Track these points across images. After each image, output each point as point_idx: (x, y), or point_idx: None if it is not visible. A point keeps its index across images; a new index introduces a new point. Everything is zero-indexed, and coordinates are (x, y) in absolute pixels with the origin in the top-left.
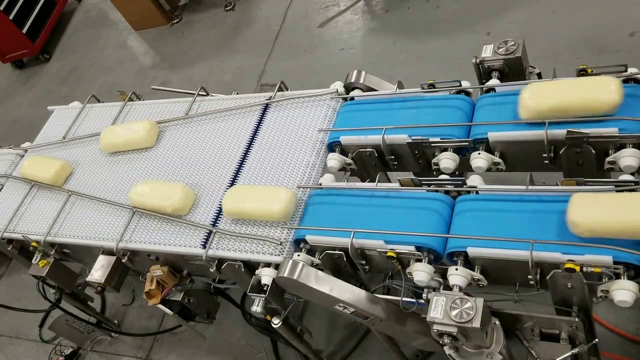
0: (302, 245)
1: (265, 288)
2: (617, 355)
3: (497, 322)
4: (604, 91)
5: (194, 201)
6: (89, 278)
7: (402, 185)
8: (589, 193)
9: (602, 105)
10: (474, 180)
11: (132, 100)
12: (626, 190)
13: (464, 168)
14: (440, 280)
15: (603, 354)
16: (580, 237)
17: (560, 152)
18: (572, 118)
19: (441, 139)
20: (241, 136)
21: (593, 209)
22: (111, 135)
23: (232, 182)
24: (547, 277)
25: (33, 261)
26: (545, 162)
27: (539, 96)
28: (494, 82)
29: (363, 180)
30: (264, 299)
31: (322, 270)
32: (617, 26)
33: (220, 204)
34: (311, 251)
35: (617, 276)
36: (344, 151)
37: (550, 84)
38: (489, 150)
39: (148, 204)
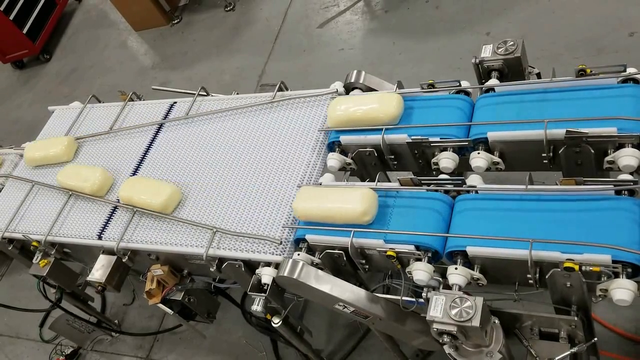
0: (302, 244)
1: (265, 287)
2: (616, 354)
3: (497, 321)
4: (387, 105)
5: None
6: (90, 278)
7: (401, 185)
8: (311, 187)
9: (385, 117)
10: (473, 179)
11: (133, 100)
12: (625, 190)
13: (463, 168)
14: (440, 279)
15: (602, 353)
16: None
17: (560, 152)
18: (364, 127)
19: (441, 138)
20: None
21: (305, 199)
22: None
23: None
24: (546, 276)
25: (34, 261)
26: (545, 161)
27: (334, 109)
28: (493, 82)
29: (363, 180)
30: (264, 298)
31: (322, 269)
32: (616, 26)
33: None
34: (311, 250)
35: (616, 275)
36: (343, 151)
37: (349, 98)
38: (489, 150)
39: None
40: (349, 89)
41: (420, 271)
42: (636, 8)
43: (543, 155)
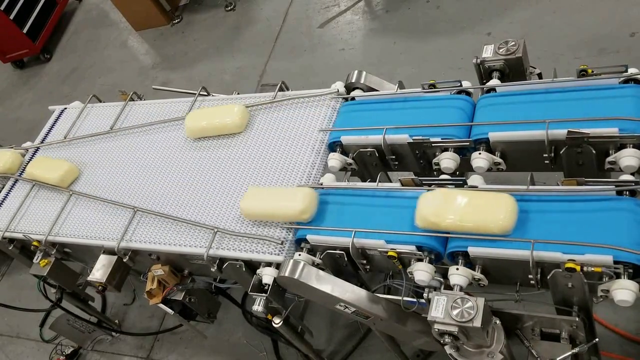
0: (303, 244)
1: (266, 287)
2: (618, 355)
3: (498, 322)
4: (233, 115)
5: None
6: (90, 277)
7: (403, 185)
8: (257, 188)
9: (233, 127)
10: (474, 180)
11: (133, 100)
12: (627, 191)
13: (464, 168)
14: (441, 279)
15: (603, 353)
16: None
17: (561, 152)
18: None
19: (442, 139)
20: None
21: (251, 199)
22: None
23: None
24: (548, 277)
25: (34, 261)
26: (546, 162)
27: (192, 119)
28: (494, 82)
29: (364, 180)
30: (265, 298)
31: (323, 269)
32: (617, 26)
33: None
34: (312, 251)
35: (618, 276)
36: (344, 151)
37: (202, 110)
38: (490, 150)
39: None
40: (350, 89)
41: (422, 271)
42: (637, 8)
43: (544, 155)
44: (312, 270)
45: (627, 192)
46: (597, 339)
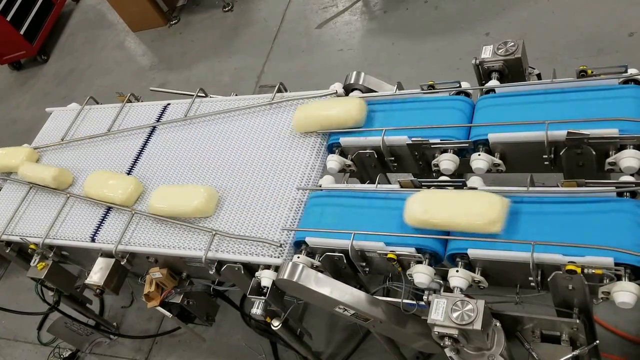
0: (301, 247)
1: (265, 290)
2: (618, 357)
3: (498, 324)
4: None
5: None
6: (88, 280)
7: (402, 187)
8: (165, 186)
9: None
10: (474, 181)
11: (131, 102)
12: (627, 192)
13: (464, 169)
14: (441, 282)
15: (604, 355)
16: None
17: (561, 153)
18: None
19: (441, 140)
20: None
21: (158, 199)
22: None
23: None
24: (548, 279)
25: (31, 264)
26: (546, 163)
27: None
28: (493, 83)
29: (363, 182)
30: (263, 301)
31: (322, 272)
32: (616, 27)
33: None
34: (311, 253)
35: (618, 278)
36: (343, 152)
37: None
38: (489, 151)
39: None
40: (348, 90)
41: (421, 274)
42: (636, 8)
43: (544, 156)
44: (311, 272)
45: (628, 194)
46: (597, 341)
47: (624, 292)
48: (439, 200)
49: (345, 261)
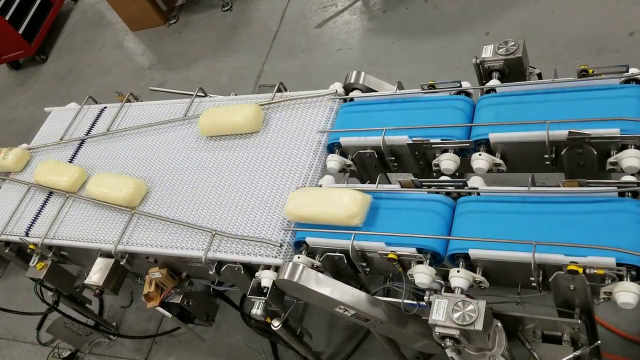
0: (302, 247)
1: (265, 290)
2: (619, 357)
3: (499, 324)
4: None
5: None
6: (87, 280)
7: (402, 187)
8: (99, 173)
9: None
10: (475, 181)
11: (130, 102)
12: (629, 192)
13: (464, 169)
14: (442, 282)
15: (605, 355)
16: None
17: (562, 153)
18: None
19: (442, 139)
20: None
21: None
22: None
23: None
24: (550, 279)
25: (31, 264)
26: (547, 163)
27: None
28: (494, 82)
29: (363, 182)
30: (264, 301)
31: (322, 272)
32: (616, 26)
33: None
34: (311, 253)
35: (620, 278)
36: (343, 152)
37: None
38: (490, 151)
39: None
40: (348, 89)
41: (422, 274)
42: (636, 7)
43: (545, 156)
44: (311, 272)
45: (630, 194)
46: (599, 341)
47: (626, 293)
48: (309, 197)
49: (345, 261)
